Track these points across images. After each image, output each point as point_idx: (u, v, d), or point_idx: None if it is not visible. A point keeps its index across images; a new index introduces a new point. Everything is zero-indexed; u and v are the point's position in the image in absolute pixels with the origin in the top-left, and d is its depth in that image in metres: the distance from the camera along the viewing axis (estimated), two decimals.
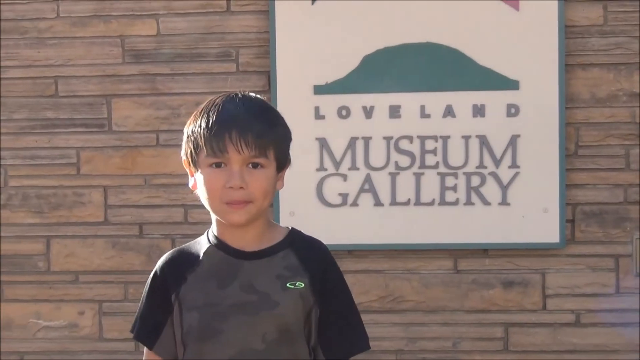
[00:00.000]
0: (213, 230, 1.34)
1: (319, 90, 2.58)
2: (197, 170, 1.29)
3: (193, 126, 1.28)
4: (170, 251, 1.39)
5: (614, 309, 2.58)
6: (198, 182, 1.29)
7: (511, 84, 2.56)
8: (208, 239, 1.34)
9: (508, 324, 2.60)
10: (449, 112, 2.57)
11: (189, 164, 1.31)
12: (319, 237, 1.37)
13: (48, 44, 2.61)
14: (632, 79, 2.55)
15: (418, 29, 2.57)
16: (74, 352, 2.64)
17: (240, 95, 1.31)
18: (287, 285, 1.30)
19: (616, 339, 2.58)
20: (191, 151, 1.28)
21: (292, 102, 2.54)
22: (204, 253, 1.32)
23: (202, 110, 1.29)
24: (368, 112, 2.58)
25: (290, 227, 1.38)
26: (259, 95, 1.34)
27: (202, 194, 1.29)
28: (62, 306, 2.64)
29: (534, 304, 2.59)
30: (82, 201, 2.63)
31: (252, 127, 1.25)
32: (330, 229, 2.50)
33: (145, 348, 1.34)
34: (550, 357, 2.58)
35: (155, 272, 1.35)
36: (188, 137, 1.30)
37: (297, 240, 1.35)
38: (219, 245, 1.31)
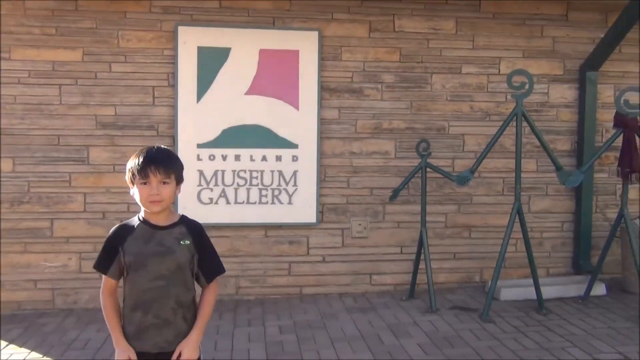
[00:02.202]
0: (141, 214, 2.29)
1: (200, 146, 5.09)
2: (134, 186, 2.22)
3: (131, 162, 2.21)
4: (119, 224, 2.33)
5: (342, 254, 5.30)
6: (135, 192, 2.22)
7: (294, 145, 5.20)
8: (139, 218, 2.29)
9: (291, 262, 5.25)
10: (264, 158, 5.17)
11: (130, 182, 2.23)
12: (198, 219, 3.18)
13: (55, 117, 4.91)
14: (351, 145, 5.31)
15: (250, 116, 5.14)
16: (64, 280, 4.94)
17: (155, 146, 2.26)
18: (180, 242, 2.25)
19: (342, 268, 5.30)
20: (130, 176, 2.21)
21: (186, 152, 5.02)
22: (137, 226, 2.26)
23: (136, 154, 2.21)
24: (224, 157, 5.12)
25: (181, 214, 2.38)
26: (165, 146, 2.35)
27: (137, 198, 2.22)
28: (60, 255, 4.93)
29: (303, 252, 5.26)
30: (72, 200, 4.95)
31: (162, 163, 2.18)
32: (204, 215, 4.99)
33: (103, 275, 2.29)
34: (310, 278, 5.25)
35: (110, 235, 2.29)
36: (129, 169, 2.22)
37: (185, 221, 2.33)
38: (145, 222, 2.27)
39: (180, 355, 2.24)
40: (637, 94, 4.63)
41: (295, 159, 5.20)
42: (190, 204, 5.02)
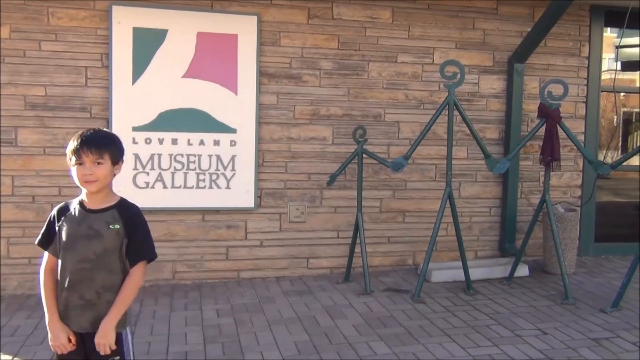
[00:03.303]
0: (82, 195, 2.36)
1: (135, 129, 5.00)
2: (71, 166, 2.28)
3: (70, 145, 2.28)
4: (61, 203, 2.39)
5: (279, 239, 5.37)
6: (72, 173, 2.29)
7: (233, 130, 5.21)
8: (79, 200, 2.36)
9: (229, 246, 5.27)
10: (202, 143, 5.15)
11: (69, 164, 2.29)
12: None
13: None
14: (289, 131, 5.36)
15: (188, 100, 5.10)
16: None
17: (92, 130, 2.33)
18: (110, 227, 2.30)
19: (280, 252, 5.37)
20: (69, 158, 2.29)
21: (121, 135, 4.73)
22: (73, 208, 2.34)
23: (74, 138, 2.28)
24: (160, 141, 5.06)
25: (121, 197, 2.41)
26: (103, 128, 2.45)
27: (75, 178, 2.29)
28: None
29: (241, 236, 5.29)
30: None
31: (94, 144, 2.26)
32: (139, 199, 4.76)
33: (45, 252, 2.35)
34: (247, 263, 5.30)
35: (52, 213, 2.38)
36: (67, 151, 2.29)
37: (121, 205, 2.37)
38: (81, 205, 2.34)
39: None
40: (560, 86, 4.91)
41: (233, 143, 5.20)
42: (126, 188, 4.91)
